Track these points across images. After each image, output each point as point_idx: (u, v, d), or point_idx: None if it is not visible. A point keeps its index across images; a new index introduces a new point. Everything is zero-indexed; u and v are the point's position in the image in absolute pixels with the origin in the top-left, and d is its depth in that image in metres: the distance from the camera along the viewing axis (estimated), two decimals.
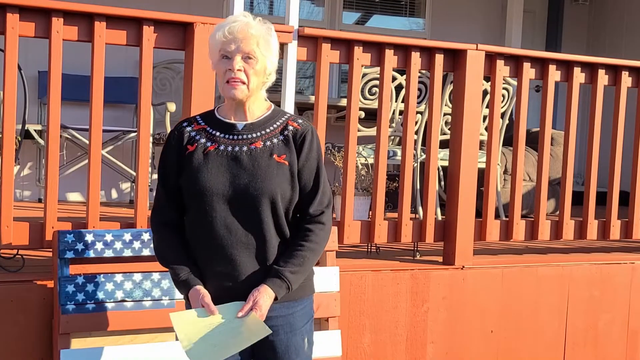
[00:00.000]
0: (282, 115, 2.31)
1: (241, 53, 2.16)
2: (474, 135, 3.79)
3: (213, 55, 2.22)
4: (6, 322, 2.91)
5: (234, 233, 2.19)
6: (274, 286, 2.17)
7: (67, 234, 2.90)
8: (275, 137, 2.26)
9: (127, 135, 5.11)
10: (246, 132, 2.25)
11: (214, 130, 2.27)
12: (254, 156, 2.22)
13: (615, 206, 4.28)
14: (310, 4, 6.95)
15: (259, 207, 2.18)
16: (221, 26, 2.19)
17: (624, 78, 4.22)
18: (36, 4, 2.96)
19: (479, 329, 3.80)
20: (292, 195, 2.24)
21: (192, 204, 2.22)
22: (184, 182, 2.23)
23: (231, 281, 2.20)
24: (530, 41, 7.44)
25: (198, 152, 2.23)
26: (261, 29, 2.20)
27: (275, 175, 2.20)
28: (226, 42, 2.17)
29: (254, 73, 2.19)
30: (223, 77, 2.19)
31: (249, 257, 2.20)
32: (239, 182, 2.19)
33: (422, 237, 3.77)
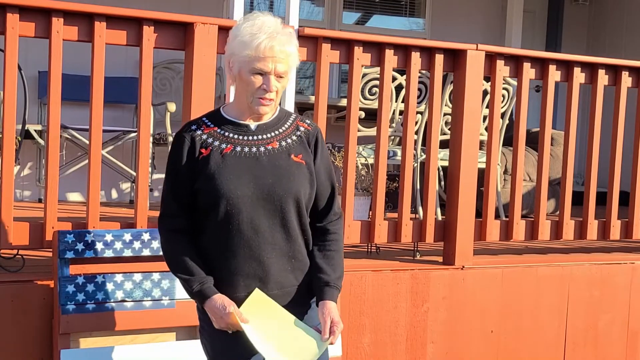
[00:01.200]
0: (289, 115, 2.33)
1: (275, 72, 2.16)
2: (474, 135, 3.79)
3: (239, 62, 2.17)
4: (6, 322, 2.91)
5: (260, 234, 2.19)
6: (333, 298, 2.24)
7: (67, 234, 2.90)
8: (289, 137, 2.27)
9: (127, 135, 5.12)
10: (260, 132, 2.25)
11: (227, 132, 2.24)
12: (273, 156, 2.23)
13: (615, 206, 4.28)
14: (310, 4, 6.95)
15: (284, 206, 2.20)
16: (253, 37, 2.13)
17: (624, 78, 4.22)
18: (36, 4, 2.96)
19: (479, 329, 3.80)
20: (311, 194, 2.26)
21: (214, 209, 2.18)
22: (203, 187, 2.19)
23: (260, 281, 2.21)
24: (530, 41, 7.44)
25: (214, 155, 2.20)
26: (293, 43, 2.19)
27: (297, 175, 2.23)
28: (263, 59, 2.13)
29: (281, 87, 2.21)
30: (255, 92, 2.17)
31: (276, 256, 2.21)
32: (263, 183, 2.19)
33: (422, 237, 3.77)
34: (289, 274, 2.23)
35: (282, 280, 2.22)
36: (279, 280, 2.22)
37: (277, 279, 2.22)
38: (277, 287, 2.22)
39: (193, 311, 3.04)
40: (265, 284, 2.21)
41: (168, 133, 5.14)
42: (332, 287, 2.25)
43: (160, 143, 5.27)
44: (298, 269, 2.26)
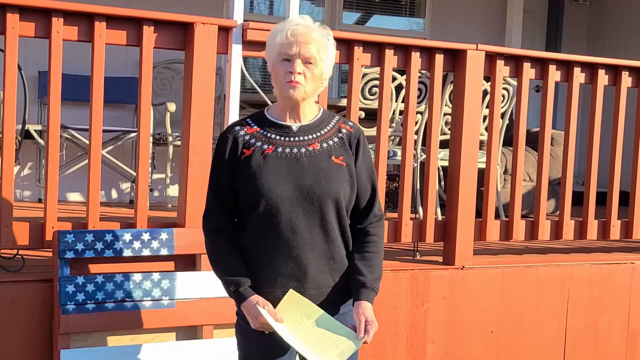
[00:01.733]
0: (332, 117, 2.36)
1: (302, 57, 2.19)
2: (474, 135, 3.79)
3: (271, 56, 2.24)
4: (6, 322, 2.91)
5: (299, 234, 2.21)
6: (369, 299, 2.26)
7: (67, 234, 2.90)
8: (331, 139, 2.30)
9: (127, 135, 5.11)
10: (302, 133, 2.28)
11: (269, 133, 2.27)
12: (314, 158, 2.25)
13: (615, 206, 4.28)
14: (310, 4, 6.95)
15: (324, 208, 2.22)
16: (282, 28, 2.21)
17: (624, 78, 4.22)
18: (36, 4, 2.96)
19: (479, 329, 3.80)
20: (351, 196, 2.28)
21: (254, 208, 2.21)
22: (244, 187, 2.22)
23: (297, 282, 2.23)
24: (530, 41, 7.44)
25: (256, 156, 2.23)
26: (322, 34, 2.23)
27: (337, 176, 2.24)
28: (287, 44, 2.18)
29: (311, 77, 2.22)
30: (283, 78, 2.21)
31: (315, 257, 2.23)
32: (303, 184, 2.21)
33: (422, 237, 3.77)
34: (326, 275, 2.26)
35: (320, 281, 2.25)
36: (316, 281, 2.24)
37: (314, 279, 2.24)
38: (315, 288, 2.24)
39: (193, 311, 3.05)
40: (302, 283, 2.23)
41: (168, 133, 5.14)
42: (368, 288, 2.27)
43: (160, 143, 5.27)
44: (336, 270, 2.28)
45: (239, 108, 3.43)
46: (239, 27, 3.33)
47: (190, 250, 3.10)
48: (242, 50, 3.37)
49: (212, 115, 3.26)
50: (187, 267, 3.14)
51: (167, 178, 5.14)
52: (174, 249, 3.06)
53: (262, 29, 3.36)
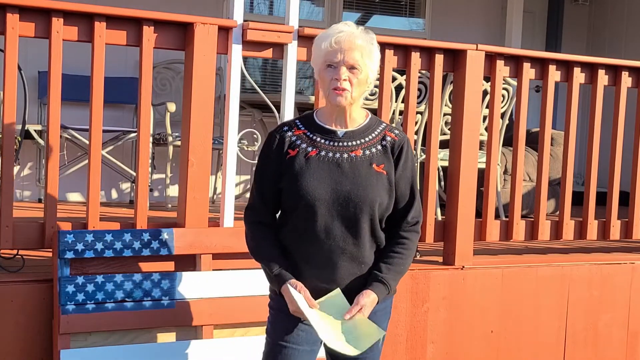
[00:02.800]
0: (379, 124, 2.39)
1: (347, 63, 2.24)
2: (474, 135, 3.79)
3: (317, 63, 2.30)
4: (6, 322, 2.91)
5: (332, 237, 2.27)
6: (377, 291, 2.29)
7: (67, 234, 2.90)
8: (374, 147, 2.33)
9: (127, 136, 5.11)
10: (346, 139, 2.33)
11: (315, 136, 2.33)
12: (355, 164, 2.30)
13: (615, 206, 4.28)
14: (310, 4, 6.95)
15: (359, 214, 2.27)
16: (327, 36, 2.27)
17: (624, 78, 4.22)
18: (36, 4, 2.96)
19: (479, 329, 3.80)
20: (389, 204, 2.32)
21: (292, 207, 2.29)
22: (286, 186, 2.29)
23: (326, 283, 2.29)
24: (530, 41, 7.44)
25: (300, 157, 2.30)
26: (365, 39, 2.29)
27: (375, 184, 2.29)
28: (332, 51, 2.24)
29: (357, 83, 2.27)
30: (329, 85, 2.26)
31: (346, 261, 2.29)
32: (341, 189, 2.26)
33: (422, 237, 3.76)
34: (356, 279, 2.31)
35: (349, 285, 2.30)
36: (346, 284, 2.29)
37: (345, 282, 2.29)
38: (346, 291, 2.28)
39: (193, 311, 3.05)
40: (332, 286, 2.29)
41: (168, 133, 5.14)
42: (379, 282, 2.30)
43: (160, 143, 5.27)
44: (367, 274, 2.32)
45: (239, 108, 3.43)
46: (239, 27, 3.33)
47: (190, 250, 3.10)
48: (242, 50, 3.37)
49: (212, 115, 3.26)
50: (187, 267, 3.14)
51: (167, 178, 5.14)
52: (174, 249, 3.06)
53: (262, 29, 3.36)
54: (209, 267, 3.12)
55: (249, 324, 3.14)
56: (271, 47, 3.43)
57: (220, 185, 3.60)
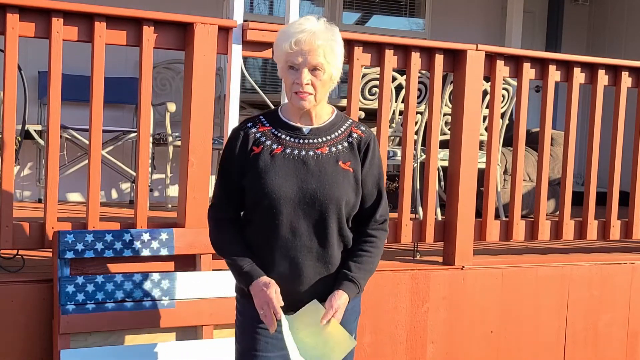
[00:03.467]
0: (345, 121, 2.35)
1: (308, 65, 2.18)
2: (474, 135, 3.79)
3: (279, 62, 2.25)
4: (6, 322, 2.91)
5: (298, 237, 2.22)
6: (348, 291, 2.24)
7: (67, 234, 2.90)
8: (340, 144, 2.29)
9: (127, 136, 5.11)
10: (312, 136, 2.28)
11: (279, 133, 2.28)
12: (321, 162, 2.25)
13: (615, 206, 4.28)
14: (310, 4, 6.95)
15: (325, 212, 2.22)
16: (287, 35, 2.20)
17: (624, 78, 4.22)
18: (36, 4, 2.96)
19: (479, 329, 3.80)
20: (355, 202, 2.28)
21: (257, 206, 2.24)
22: (250, 184, 2.24)
23: (292, 284, 2.24)
24: (530, 41, 7.44)
25: (264, 155, 2.25)
26: (326, 38, 2.20)
27: (342, 182, 2.24)
28: (292, 53, 2.18)
29: (321, 84, 2.21)
30: (291, 88, 2.21)
31: (312, 260, 2.24)
32: (307, 187, 2.22)
33: (422, 237, 3.77)
34: (322, 279, 2.26)
35: (315, 284, 2.25)
36: (311, 284, 2.25)
37: (310, 282, 2.25)
38: (309, 291, 2.25)
39: (193, 311, 3.05)
40: (297, 285, 2.25)
41: (168, 133, 5.14)
42: (350, 281, 2.25)
43: (160, 143, 5.27)
44: (332, 275, 2.28)
45: (239, 108, 3.43)
46: (239, 27, 3.33)
47: (190, 250, 3.10)
48: (242, 50, 3.37)
49: (212, 115, 3.26)
50: (187, 267, 3.14)
51: (167, 178, 5.14)
52: (174, 249, 3.06)
53: (262, 29, 3.36)
54: (209, 267, 3.12)
55: None
56: (271, 47, 3.40)
57: None
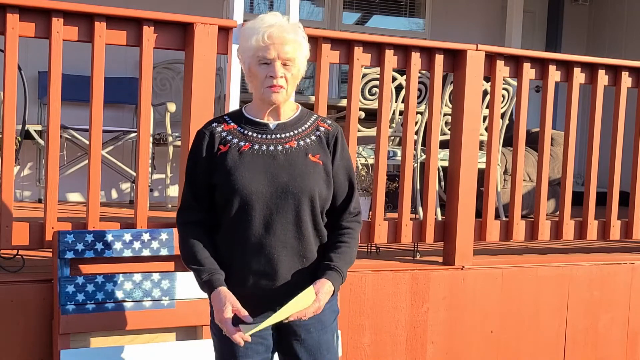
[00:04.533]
0: (310, 115, 2.35)
1: (280, 59, 2.19)
2: (474, 135, 3.79)
3: (247, 57, 2.23)
4: (6, 322, 2.91)
5: (272, 232, 2.21)
6: (332, 278, 2.22)
7: (67, 234, 2.90)
8: (308, 137, 2.29)
9: (127, 136, 5.12)
10: (279, 131, 2.28)
11: (246, 130, 2.27)
12: (290, 155, 2.24)
13: (615, 206, 4.28)
14: (310, 4, 6.95)
15: (298, 205, 2.21)
16: (256, 29, 2.20)
17: (624, 78, 4.22)
18: (36, 4, 2.96)
19: (479, 329, 3.80)
20: (327, 195, 2.27)
21: (228, 204, 2.22)
22: (219, 182, 2.23)
23: (269, 280, 2.22)
24: (530, 41, 7.44)
25: (232, 152, 2.24)
26: (295, 32, 2.22)
27: (312, 174, 2.24)
28: (264, 47, 2.18)
29: (291, 78, 2.23)
30: (263, 82, 2.20)
31: (288, 255, 2.23)
32: (278, 181, 2.21)
33: (422, 237, 3.77)
34: (298, 273, 2.24)
35: (291, 279, 2.23)
36: (287, 278, 2.23)
37: (285, 276, 2.23)
38: (285, 285, 2.23)
39: (193, 311, 3.05)
40: (273, 281, 2.22)
41: (168, 133, 5.14)
42: (332, 269, 2.23)
43: (160, 143, 5.27)
44: (307, 268, 2.26)
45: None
46: (239, 28, 3.33)
47: None
48: None
49: (212, 115, 3.26)
50: (187, 267, 3.13)
51: (167, 178, 5.14)
52: (173, 249, 3.06)
53: None
54: None
55: None
56: None
57: None
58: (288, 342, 2.29)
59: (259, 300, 2.23)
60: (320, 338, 2.30)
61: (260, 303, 2.23)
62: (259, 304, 2.23)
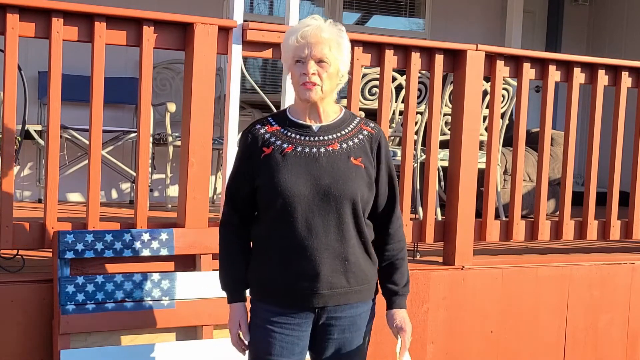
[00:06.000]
0: (354, 118, 2.37)
1: (314, 57, 2.21)
2: (474, 135, 3.79)
3: (287, 59, 2.28)
4: (6, 322, 2.91)
5: (314, 234, 2.23)
6: (402, 305, 2.46)
7: (67, 234, 2.90)
8: (351, 140, 2.31)
9: (127, 136, 5.11)
10: (322, 133, 2.30)
11: (289, 132, 2.30)
12: (332, 158, 2.26)
13: (615, 206, 4.28)
14: (310, 4, 6.95)
15: (340, 208, 2.23)
16: (293, 31, 2.24)
17: (624, 78, 4.22)
18: (36, 4, 2.96)
19: (479, 329, 3.80)
20: (369, 197, 2.30)
21: (271, 206, 2.25)
22: (262, 184, 2.25)
23: (308, 281, 2.25)
24: (530, 41, 7.44)
25: (275, 154, 2.26)
26: (333, 32, 2.25)
27: (355, 177, 2.26)
28: (299, 47, 2.21)
29: (327, 77, 2.24)
30: (298, 80, 2.24)
31: (329, 257, 2.25)
32: (321, 184, 2.23)
33: (422, 237, 3.77)
34: (340, 276, 2.27)
35: (333, 281, 2.26)
36: (329, 281, 2.25)
37: (327, 279, 2.25)
38: (327, 287, 2.26)
39: (193, 311, 3.05)
40: (314, 283, 2.25)
41: (168, 133, 5.14)
42: (400, 296, 2.41)
43: (160, 143, 5.27)
44: (351, 271, 2.29)
45: (239, 108, 3.43)
46: (239, 28, 3.33)
47: (190, 250, 3.10)
48: (242, 50, 3.37)
49: (212, 115, 3.26)
50: (187, 268, 3.14)
51: (167, 178, 5.14)
52: (173, 249, 3.06)
53: (262, 29, 3.36)
54: (209, 267, 3.12)
55: None
56: (271, 47, 3.43)
57: (220, 185, 3.60)
58: (321, 341, 2.33)
59: (299, 301, 2.26)
60: (353, 339, 2.35)
61: (301, 304, 2.27)
62: (299, 305, 2.27)
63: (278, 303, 2.27)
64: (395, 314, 2.39)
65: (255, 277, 2.33)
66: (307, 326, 2.30)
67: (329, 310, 2.28)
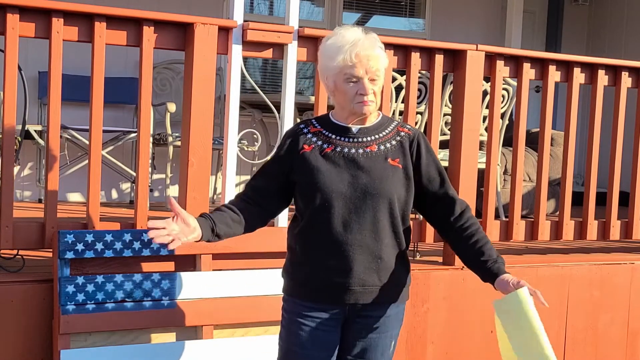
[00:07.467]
0: (391, 121, 2.47)
1: (369, 77, 2.30)
2: (474, 135, 3.79)
3: (332, 74, 2.33)
4: (6, 322, 2.91)
5: (349, 231, 2.30)
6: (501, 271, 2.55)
7: (67, 234, 2.90)
8: (389, 142, 2.40)
9: (127, 136, 5.11)
10: (361, 135, 2.39)
11: (330, 133, 2.39)
12: (370, 158, 2.35)
13: (615, 206, 4.28)
14: (310, 4, 6.95)
15: (376, 207, 2.31)
16: (341, 48, 2.29)
17: (623, 78, 4.22)
18: (36, 4, 2.96)
19: (479, 329, 3.80)
20: (407, 198, 2.39)
21: (310, 202, 2.33)
22: (300, 181, 2.35)
23: (342, 277, 2.32)
24: (530, 41, 7.44)
25: (315, 153, 2.36)
26: (376, 45, 2.33)
27: (392, 177, 2.34)
28: (352, 66, 2.29)
29: (378, 90, 2.34)
30: (353, 99, 2.32)
31: (363, 254, 2.32)
32: (358, 183, 2.31)
33: (422, 237, 3.77)
34: (372, 273, 2.34)
35: (365, 278, 2.33)
36: (361, 278, 2.32)
37: (360, 276, 2.32)
38: (359, 284, 2.32)
39: (193, 311, 3.05)
40: (347, 279, 2.31)
41: (168, 133, 5.14)
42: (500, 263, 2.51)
43: (160, 143, 5.27)
44: (383, 270, 2.36)
45: (239, 108, 3.43)
46: (239, 28, 3.33)
47: (190, 250, 3.10)
48: (242, 50, 3.37)
49: (212, 115, 3.26)
50: (187, 267, 3.14)
51: (167, 178, 5.14)
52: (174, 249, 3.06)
53: (263, 29, 3.36)
54: (209, 267, 3.12)
55: (249, 324, 3.14)
56: (271, 48, 3.43)
57: (220, 185, 3.60)
58: (348, 338, 2.39)
59: (331, 296, 2.33)
60: (379, 340, 2.40)
61: (333, 300, 2.33)
62: (331, 299, 2.33)
63: (311, 298, 2.34)
64: (506, 277, 2.49)
65: (291, 272, 2.41)
66: (338, 322, 2.36)
67: (359, 308, 2.35)
